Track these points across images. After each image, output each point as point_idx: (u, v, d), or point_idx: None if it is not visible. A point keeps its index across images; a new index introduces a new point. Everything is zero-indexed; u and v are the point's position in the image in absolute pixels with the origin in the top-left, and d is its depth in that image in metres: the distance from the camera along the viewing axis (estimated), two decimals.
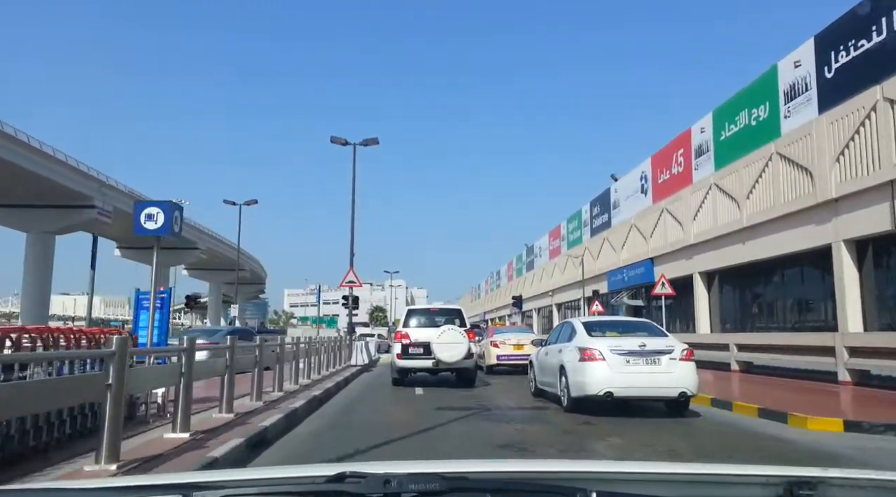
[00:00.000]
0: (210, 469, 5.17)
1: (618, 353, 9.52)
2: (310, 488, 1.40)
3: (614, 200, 35.05)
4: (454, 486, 1.26)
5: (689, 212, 25.52)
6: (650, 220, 29.53)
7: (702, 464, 2.19)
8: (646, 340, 9.81)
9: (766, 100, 20.53)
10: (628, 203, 32.84)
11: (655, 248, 29.06)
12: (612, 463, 2.85)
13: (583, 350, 9.77)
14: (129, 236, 66.67)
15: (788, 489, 1.36)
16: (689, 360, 9.68)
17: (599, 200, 37.69)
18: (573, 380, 9.80)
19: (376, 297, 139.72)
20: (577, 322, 11.20)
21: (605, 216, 36.41)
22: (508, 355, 18.87)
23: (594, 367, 9.51)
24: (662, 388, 9.55)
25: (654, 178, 29.61)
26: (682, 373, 9.50)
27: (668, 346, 9.77)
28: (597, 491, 1.29)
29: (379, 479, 1.26)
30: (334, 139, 23.48)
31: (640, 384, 9.52)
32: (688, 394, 9.56)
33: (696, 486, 1.57)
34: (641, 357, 9.51)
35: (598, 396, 9.44)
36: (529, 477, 1.62)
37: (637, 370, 9.47)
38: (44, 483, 3.42)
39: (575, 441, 7.72)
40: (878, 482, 1.52)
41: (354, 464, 1.55)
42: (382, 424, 9.00)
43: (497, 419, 9.52)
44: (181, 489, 1.45)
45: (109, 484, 1.70)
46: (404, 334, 15.00)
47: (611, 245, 34.99)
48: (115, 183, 51.90)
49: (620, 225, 33.52)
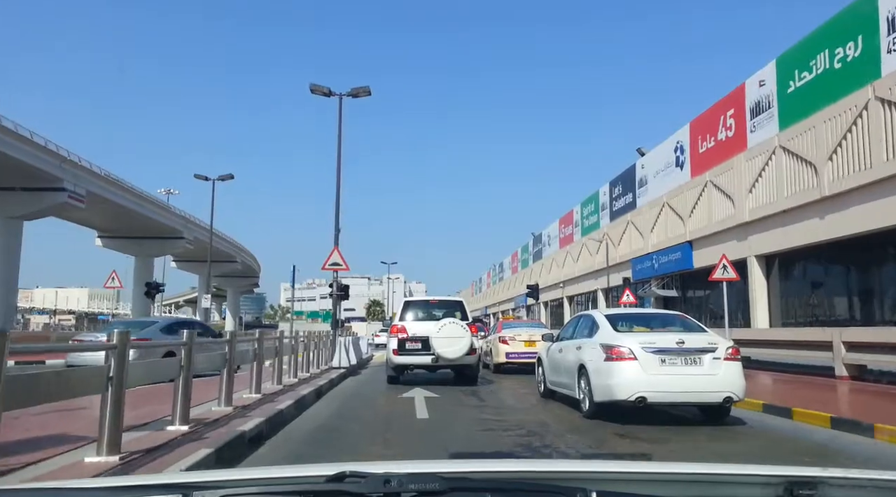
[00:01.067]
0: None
1: (651, 352, 8.19)
2: (310, 488, 1.38)
3: (640, 178, 30.60)
4: (454, 485, 1.25)
5: (743, 183, 21.12)
6: (688, 196, 25.11)
7: (702, 464, 1.79)
8: (684, 336, 8.42)
9: (859, 34, 16.09)
10: (659, 180, 28.41)
11: (696, 230, 24.65)
12: (612, 463, 2.61)
13: (609, 348, 8.44)
14: (111, 224, 62.53)
15: (788, 489, 1.35)
16: (734, 359, 8.40)
17: (622, 180, 33.24)
18: (597, 382, 8.50)
19: (374, 292, 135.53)
20: (598, 314, 9.73)
21: (629, 196, 31.97)
22: (519, 353, 16.81)
23: (624, 368, 8.20)
24: (704, 392, 8.25)
25: (694, 147, 25.16)
26: (727, 374, 8.23)
27: (711, 343, 8.43)
28: (597, 491, 1.28)
29: (379, 479, 1.25)
30: (314, 88, 19.00)
31: (678, 388, 8.19)
32: (734, 399, 8.28)
33: (696, 486, 1.55)
34: (679, 356, 8.20)
35: (627, 402, 8.13)
36: (529, 477, 1.59)
37: (675, 371, 8.18)
38: (44, 483, 2.66)
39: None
40: (879, 482, 1.49)
41: (354, 463, 1.44)
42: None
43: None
44: (180, 489, 1.44)
45: (109, 483, 1.64)
46: (401, 328, 13.63)
47: (636, 229, 30.58)
48: (87, 164, 47.30)
49: (649, 205, 29.10)
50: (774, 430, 8.09)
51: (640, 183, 30.67)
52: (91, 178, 47.93)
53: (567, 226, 43.77)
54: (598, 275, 35.77)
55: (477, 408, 9.90)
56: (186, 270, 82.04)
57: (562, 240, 45.01)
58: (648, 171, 29.64)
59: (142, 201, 57.84)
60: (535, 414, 9.34)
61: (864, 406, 9.83)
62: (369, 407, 10.28)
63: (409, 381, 13.83)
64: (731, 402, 8.35)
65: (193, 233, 66.21)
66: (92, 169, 47.99)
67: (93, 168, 48.11)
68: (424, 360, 13.27)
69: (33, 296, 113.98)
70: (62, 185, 44.56)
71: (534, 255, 54.00)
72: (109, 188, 52.03)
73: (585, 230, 39.32)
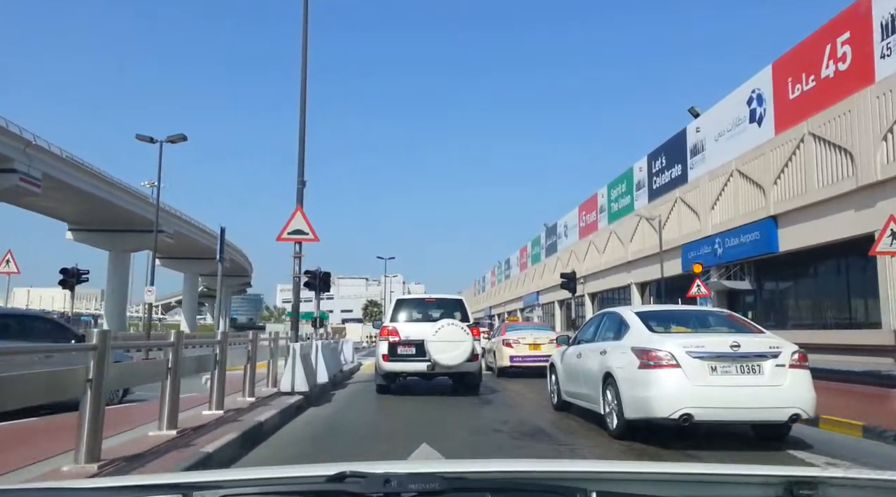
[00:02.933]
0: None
1: (698, 357, 6.43)
2: (310, 488, 1.37)
3: (694, 145, 24.47)
4: (454, 485, 1.23)
5: (869, 129, 15.05)
6: (772, 159, 19.03)
7: (702, 464, 1.99)
8: (738, 338, 6.60)
9: None
10: (723, 144, 22.29)
11: (783, 200, 18.58)
12: (611, 463, 2.49)
13: (644, 352, 6.66)
14: (82, 215, 56.33)
15: (788, 489, 1.33)
16: (802, 366, 6.61)
17: (666, 150, 27.12)
18: (630, 395, 6.69)
19: (373, 293, 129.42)
20: (628, 311, 7.85)
21: (676, 169, 25.85)
22: (524, 356, 15.93)
23: (664, 377, 6.42)
24: (765, 408, 6.40)
25: (780, 94, 19.06)
26: (794, 385, 6.44)
27: (773, 346, 6.59)
28: (597, 491, 1.28)
29: (379, 479, 1.23)
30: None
31: (732, 403, 6.36)
32: (802, 416, 6.43)
33: (696, 486, 1.51)
34: (734, 362, 6.43)
35: (669, 420, 6.33)
36: (529, 477, 1.56)
37: (729, 382, 6.38)
38: (44, 483, 2.54)
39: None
40: (879, 482, 1.46)
41: (354, 463, 1.39)
42: None
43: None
44: (180, 489, 1.41)
45: (109, 483, 1.54)
46: (392, 330, 11.72)
47: (688, 207, 24.47)
48: (46, 144, 41.08)
49: (708, 176, 22.99)
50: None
51: (693, 151, 24.55)
52: (49, 159, 41.73)
53: (589, 212, 37.64)
54: (635, 266, 29.69)
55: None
56: (171, 268, 75.74)
57: (582, 229, 38.87)
58: (706, 135, 23.52)
59: (113, 190, 51.61)
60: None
61: None
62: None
63: (402, 390, 11.94)
64: (797, 420, 6.50)
65: (174, 226, 59.85)
66: (50, 150, 41.78)
67: (51, 149, 41.90)
68: (419, 367, 11.44)
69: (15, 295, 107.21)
70: (12, 165, 38.34)
71: (547, 248, 47.84)
72: (74, 173, 45.85)
73: (614, 215, 33.20)
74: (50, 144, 41.93)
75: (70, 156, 44.88)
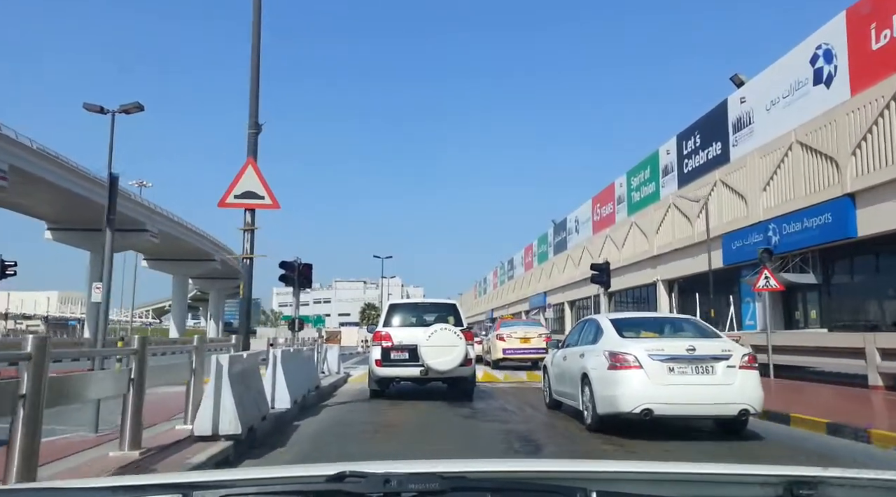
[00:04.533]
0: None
1: (659, 359, 7.31)
2: (310, 488, 1.35)
3: (738, 118, 20.95)
4: (454, 485, 1.23)
5: None
6: (849, 125, 15.52)
7: (702, 464, 1.75)
8: (695, 342, 7.53)
9: None
10: (776, 113, 18.79)
11: (865, 173, 15.08)
12: (612, 463, 2.33)
13: (613, 355, 7.59)
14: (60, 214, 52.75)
15: (788, 489, 1.33)
16: (751, 368, 7.47)
17: (702, 128, 23.58)
18: (600, 393, 7.65)
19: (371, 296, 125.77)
20: (603, 319, 8.82)
21: (715, 148, 22.32)
22: (515, 349, 17.67)
23: (628, 377, 7.34)
24: (717, 404, 7.32)
25: (857, 46, 15.55)
26: (743, 384, 7.30)
27: (725, 349, 7.50)
28: (597, 490, 1.27)
29: (379, 479, 1.22)
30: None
31: (688, 400, 7.28)
32: (751, 411, 7.34)
33: (696, 486, 1.52)
34: (690, 364, 7.32)
35: (632, 414, 7.25)
36: (529, 476, 1.56)
37: (684, 381, 7.28)
38: (44, 483, 2.64)
39: None
40: (879, 482, 1.46)
41: (354, 463, 1.39)
42: None
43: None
44: (181, 489, 1.40)
45: (110, 483, 1.58)
46: (385, 335, 11.58)
47: (732, 191, 20.94)
48: (12, 134, 37.56)
49: (756, 153, 19.49)
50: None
51: (736, 125, 21.02)
52: (17, 150, 38.19)
53: (604, 204, 34.11)
54: (662, 261, 26.18)
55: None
56: (158, 270, 72.06)
57: (597, 223, 35.34)
58: (754, 105, 20.01)
59: (93, 186, 47.97)
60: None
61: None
62: None
63: (396, 394, 11.55)
64: (748, 416, 7.44)
65: (159, 225, 56.32)
66: (18, 140, 38.30)
67: (19, 139, 38.42)
68: (412, 372, 11.28)
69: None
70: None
71: (555, 245, 44.30)
72: (47, 166, 42.33)
73: (635, 206, 29.68)
74: (18, 134, 38.44)
75: (42, 148, 41.35)
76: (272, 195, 8.39)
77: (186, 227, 63.09)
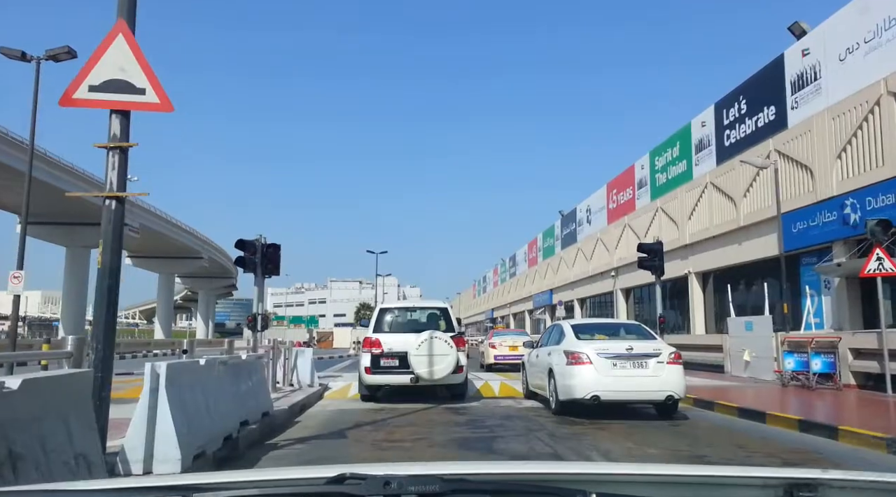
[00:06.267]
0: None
1: (605, 357, 9.21)
2: (310, 490, 1.35)
3: (798, 74, 17.21)
4: (454, 487, 1.21)
5: None
6: None
7: (701, 466, 1.90)
8: (633, 343, 9.45)
9: None
10: (852, 65, 15.08)
11: None
12: (611, 465, 2.47)
13: (570, 353, 9.44)
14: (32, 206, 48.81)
15: (788, 491, 1.32)
16: (676, 363, 9.34)
17: (747, 91, 19.85)
18: (561, 383, 9.48)
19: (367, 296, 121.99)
20: (566, 324, 10.72)
21: (768, 113, 18.61)
22: (504, 355, 20.23)
23: (581, 371, 9.21)
24: (649, 391, 9.21)
25: None
26: (669, 376, 9.16)
27: (656, 349, 9.40)
28: (596, 493, 1.26)
29: (379, 481, 1.21)
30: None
31: (626, 388, 9.17)
32: (675, 397, 9.16)
33: (695, 488, 1.52)
34: (629, 360, 9.19)
35: (584, 400, 9.09)
36: (529, 479, 1.53)
37: (624, 373, 9.15)
38: (44, 484, 2.28)
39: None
40: (880, 484, 1.45)
41: (354, 465, 1.39)
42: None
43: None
44: (181, 490, 1.41)
45: (109, 486, 1.53)
46: (374, 341, 11.34)
47: (792, 161, 17.23)
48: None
49: (826, 113, 15.78)
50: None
51: (796, 83, 17.32)
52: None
53: (622, 190, 30.43)
54: (695, 250, 22.49)
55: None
56: (143, 268, 68.16)
57: (612, 211, 31.66)
58: (820, 57, 16.29)
59: (62, 174, 44.14)
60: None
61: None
62: None
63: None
64: (673, 400, 9.14)
65: (139, 219, 52.21)
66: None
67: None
68: (402, 379, 11.00)
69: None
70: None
71: (563, 239, 40.59)
72: (13, 153, 38.60)
73: (660, 190, 26.00)
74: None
75: (4, 130, 37.59)
76: (160, 88, 4.76)
77: (171, 222, 59.26)
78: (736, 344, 15.19)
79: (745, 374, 14.58)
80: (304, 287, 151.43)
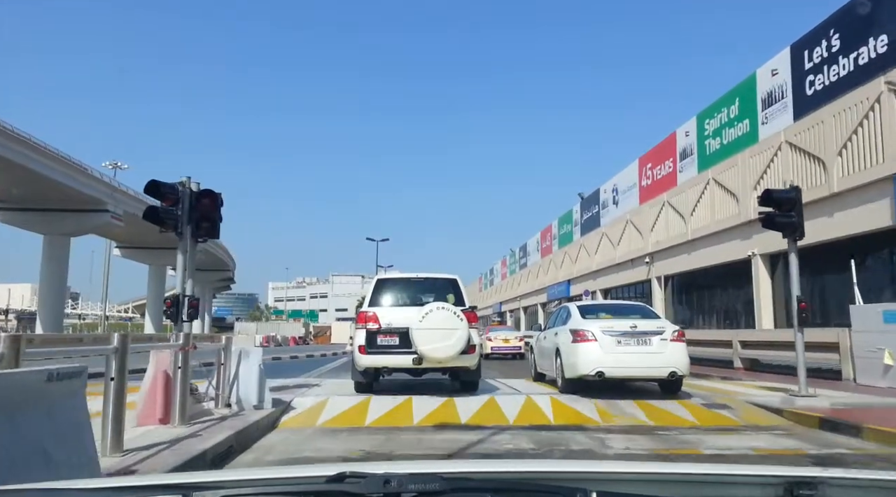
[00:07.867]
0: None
1: (609, 334, 9.38)
2: (310, 488, 1.33)
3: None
4: (454, 486, 1.21)
5: None
6: None
7: (702, 464, 1.85)
8: (638, 322, 9.62)
9: None
10: None
11: None
12: (612, 463, 2.38)
13: (575, 332, 9.64)
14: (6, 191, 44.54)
15: (789, 489, 1.31)
16: (679, 340, 9.47)
17: (839, 22, 15.64)
18: (566, 361, 9.70)
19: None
20: (572, 306, 11.06)
21: (875, 46, 14.39)
22: (499, 347, 24.21)
23: (586, 348, 9.39)
24: (653, 368, 9.36)
25: None
26: (672, 353, 9.31)
27: (659, 327, 9.59)
28: (597, 491, 1.25)
29: (379, 479, 1.20)
30: None
31: (630, 364, 9.34)
32: (678, 373, 9.29)
33: (696, 487, 1.49)
34: (633, 337, 9.37)
35: (590, 376, 9.30)
36: (530, 477, 1.52)
37: (628, 351, 9.33)
38: (44, 484, 2.00)
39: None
40: (880, 482, 1.43)
41: (354, 464, 1.39)
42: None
43: None
44: (181, 489, 1.39)
45: (109, 484, 1.53)
46: (371, 316, 9.91)
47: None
48: None
49: None
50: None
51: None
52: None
53: (659, 163, 26.21)
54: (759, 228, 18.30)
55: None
56: (133, 259, 64.07)
57: (646, 189, 27.46)
58: None
59: (41, 157, 39.90)
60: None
61: None
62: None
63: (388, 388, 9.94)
64: (676, 377, 9.31)
65: (123, 205, 48.33)
66: None
67: None
68: (402, 360, 9.56)
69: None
70: None
71: (583, 224, 36.40)
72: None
73: (710, 159, 21.80)
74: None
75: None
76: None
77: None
78: (866, 341, 11.09)
79: (883, 382, 10.49)
80: (305, 281, 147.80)
